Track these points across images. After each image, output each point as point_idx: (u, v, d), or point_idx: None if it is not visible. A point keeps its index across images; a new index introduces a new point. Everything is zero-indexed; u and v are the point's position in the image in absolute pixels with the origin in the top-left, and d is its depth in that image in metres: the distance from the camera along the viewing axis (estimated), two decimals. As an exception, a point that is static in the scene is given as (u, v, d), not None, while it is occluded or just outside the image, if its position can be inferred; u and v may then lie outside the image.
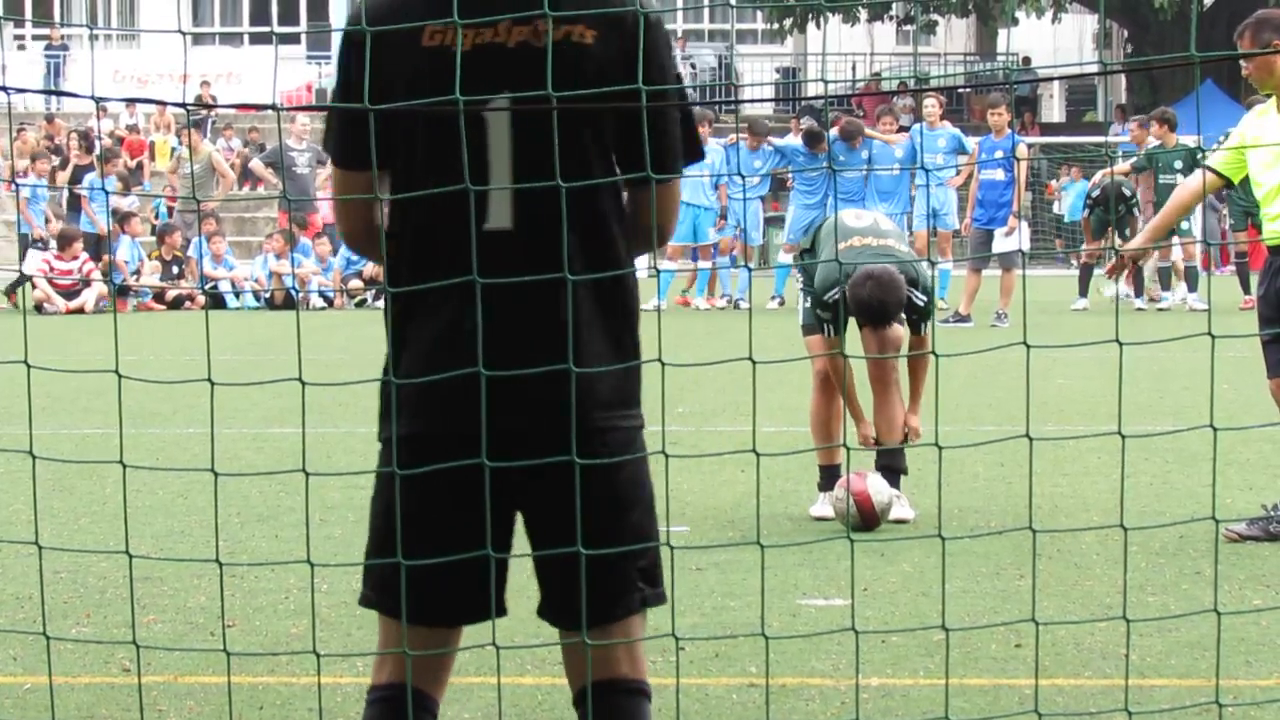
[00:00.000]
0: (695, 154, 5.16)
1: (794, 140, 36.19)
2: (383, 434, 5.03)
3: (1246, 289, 32.32)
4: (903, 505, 13.87)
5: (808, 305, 14.62)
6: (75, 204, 42.24)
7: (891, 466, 14.01)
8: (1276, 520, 12.09)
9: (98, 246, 39.63)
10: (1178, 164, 31.14)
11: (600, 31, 4.89)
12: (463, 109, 4.71)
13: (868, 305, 14.17)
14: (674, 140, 5.05)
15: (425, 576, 4.92)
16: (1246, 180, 31.18)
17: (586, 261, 4.92)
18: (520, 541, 5.18)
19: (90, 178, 43.70)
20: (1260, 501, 11.04)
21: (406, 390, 4.94)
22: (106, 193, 42.71)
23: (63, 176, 43.88)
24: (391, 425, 4.95)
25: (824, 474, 14.61)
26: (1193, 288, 32.94)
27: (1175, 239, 31.57)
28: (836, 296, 14.45)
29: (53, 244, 39.02)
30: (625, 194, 5.06)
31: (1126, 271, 18.12)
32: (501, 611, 5.08)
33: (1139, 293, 34.52)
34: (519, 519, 5.10)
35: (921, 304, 14.57)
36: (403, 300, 5.04)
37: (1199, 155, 30.97)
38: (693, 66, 63.68)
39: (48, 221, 41.19)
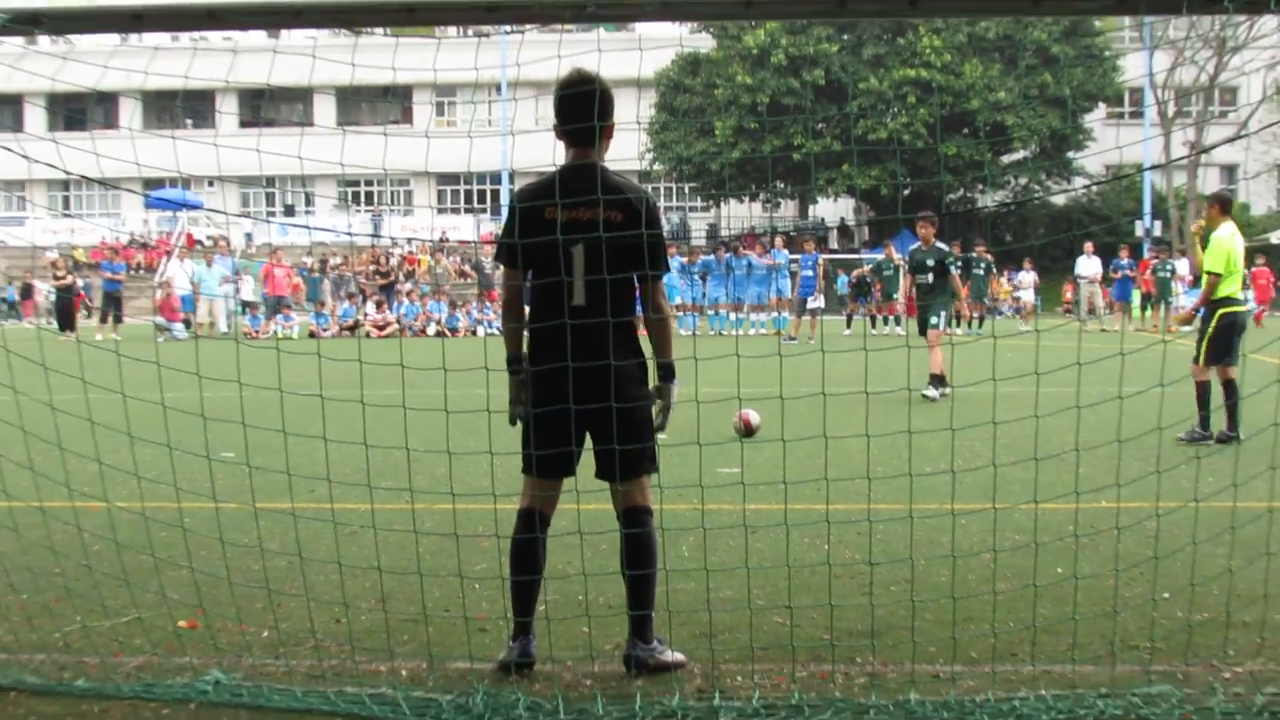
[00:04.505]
0: (667, 267, 5.52)
1: (714, 257, 36.45)
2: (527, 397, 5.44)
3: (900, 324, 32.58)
4: (932, 393, 15.92)
5: (935, 320, 16.84)
6: (388, 291, 41.87)
7: (934, 381, 16.16)
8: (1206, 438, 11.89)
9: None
10: (930, 261, 31.46)
11: (623, 211, 5.27)
12: (587, 241, 5.02)
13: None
14: (661, 257, 5.40)
15: (544, 455, 5.40)
16: (895, 271, 29.49)
17: (619, 320, 5.37)
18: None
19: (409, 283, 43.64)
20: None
21: (536, 374, 5.40)
22: (389, 286, 42.60)
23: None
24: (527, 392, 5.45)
25: (932, 380, 16.25)
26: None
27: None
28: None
29: (371, 309, 38.90)
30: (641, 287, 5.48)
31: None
32: (573, 473, 5.49)
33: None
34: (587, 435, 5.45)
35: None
36: (531, 333, 5.45)
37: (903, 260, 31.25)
38: (669, 221, 63.97)
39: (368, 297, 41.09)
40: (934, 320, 16.89)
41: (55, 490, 6.78)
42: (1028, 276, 42.26)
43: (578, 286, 5.32)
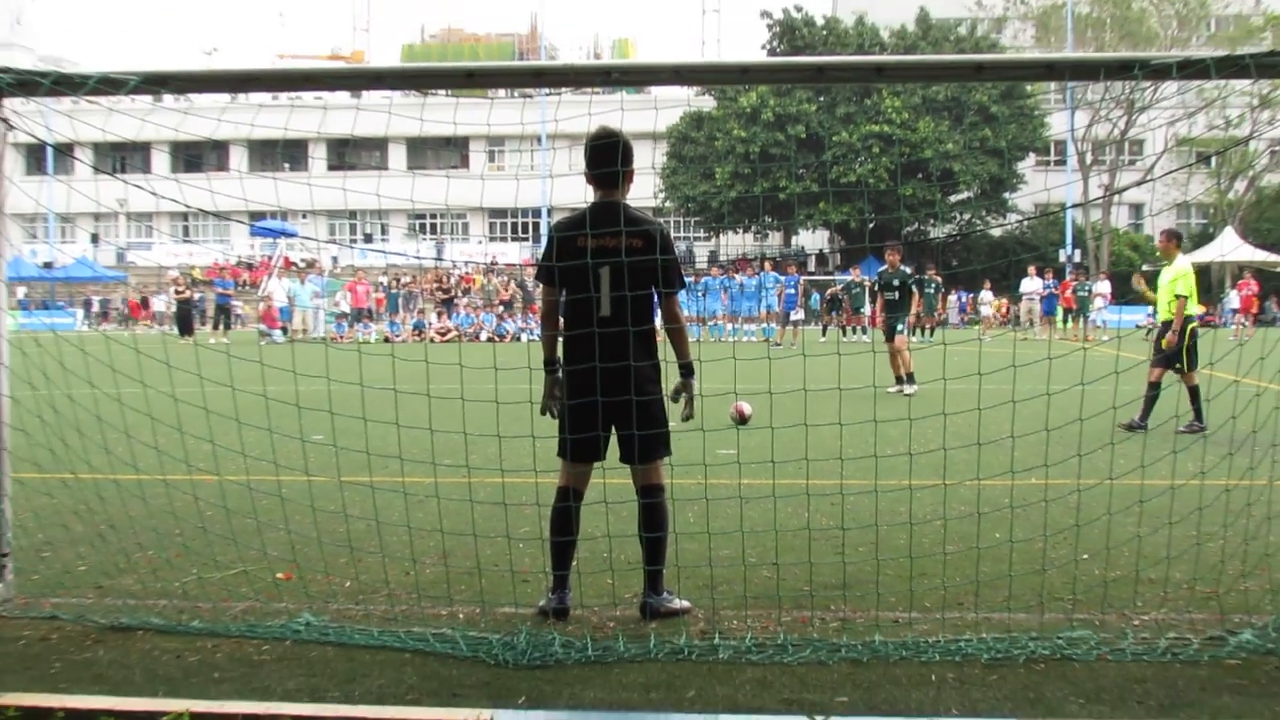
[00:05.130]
0: (681, 284, 5.39)
1: (714, 275, 36.14)
2: (561, 393, 5.41)
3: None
4: (908, 389, 15.66)
5: (900, 327, 16.71)
6: (448, 305, 41.86)
7: (907, 378, 15.92)
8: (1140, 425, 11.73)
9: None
10: (895, 281, 30.93)
11: (643, 239, 5.19)
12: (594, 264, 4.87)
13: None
14: (675, 277, 5.31)
15: (577, 442, 5.35)
16: (861, 289, 28.98)
17: (639, 329, 5.28)
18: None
19: (468, 298, 43.53)
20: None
21: (569, 373, 5.35)
22: (449, 300, 42.60)
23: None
24: (563, 387, 5.42)
25: (897, 379, 15.99)
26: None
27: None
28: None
29: (434, 319, 38.92)
30: (659, 302, 5.42)
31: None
32: (603, 458, 5.43)
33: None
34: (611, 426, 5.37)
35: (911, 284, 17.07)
36: (566, 339, 5.36)
37: (894, 280, 30.99)
38: (679, 250, 63.74)
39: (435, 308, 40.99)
40: (900, 328, 16.84)
41: (176, 466, 6.79)
42: (988, 295, 42.09)
43: (604, 301, 5.31)
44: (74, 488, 6.16)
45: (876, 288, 18.09)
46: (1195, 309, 12.35)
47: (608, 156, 5.38)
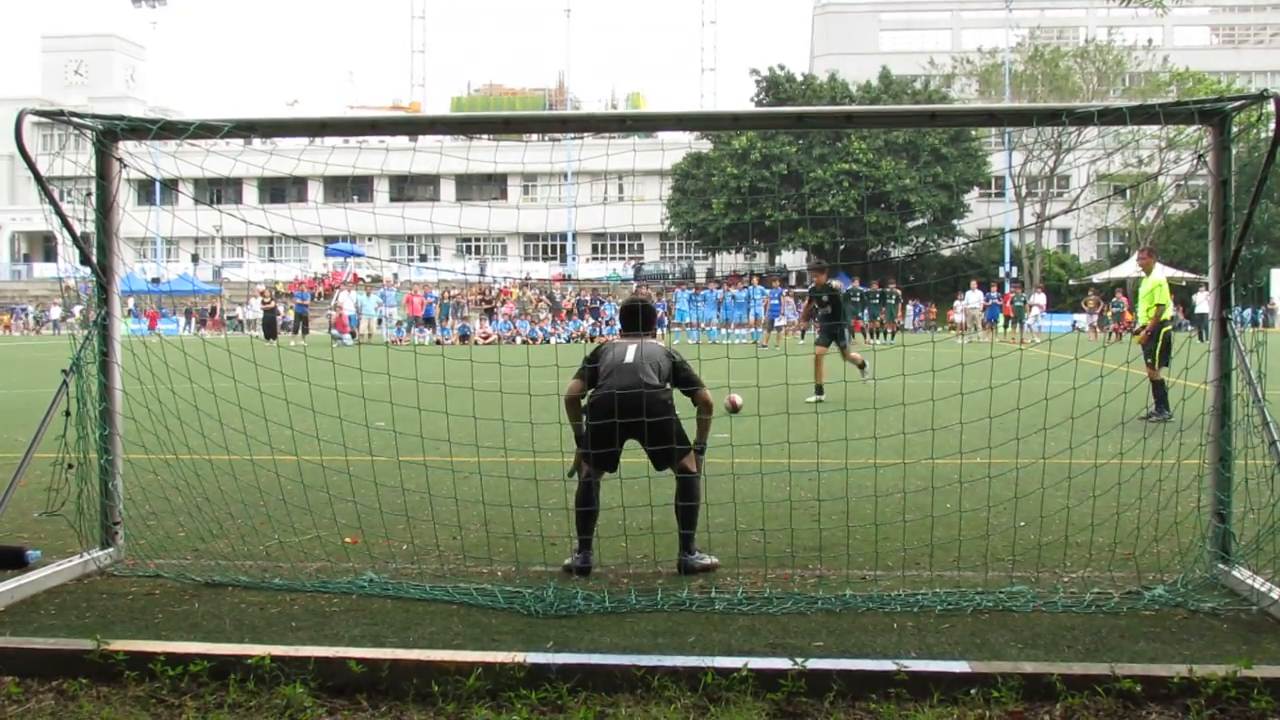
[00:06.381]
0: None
1: (711, 288, 35.93)
2: (587, 419, 5.45)
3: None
4: (866, 381, 12.83)
5: (818, 334, 14.46)
6: (490, 313, 41.77)
7: (861, 366, 13.44)
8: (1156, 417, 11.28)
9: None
10: (825, 296, 29.96)
11: (663, 349, 5.52)
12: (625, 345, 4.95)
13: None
14: (693, 379, 5.52)
15: (599, 457, 5.41)
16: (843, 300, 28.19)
17: (654, 377, 5.43)
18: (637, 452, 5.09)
19: (506, 308, 43.44)
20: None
21: (595, 400, 5.41)
22: (490, 310, 42.50)
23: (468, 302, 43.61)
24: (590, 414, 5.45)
25: (816, 389, 12.67)
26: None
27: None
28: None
29: (477, 326, 38.85)
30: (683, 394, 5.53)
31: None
32: (615, 469, 5.52)
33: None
34: (630, 444, 5.45)
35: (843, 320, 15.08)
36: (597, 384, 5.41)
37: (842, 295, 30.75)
38: (680, 266, 64.23)
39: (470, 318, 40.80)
40: (843, 340, 14.39)
41: (260, 448, 6.76)
42: (959, 303, 41.78)
43: (630, 352, 5.50)
44: (175, 467, 6.13)
45: (812, 303, 15.19)
46: (1170, 313, 12.23)
47: (633, 315, 5.80)
